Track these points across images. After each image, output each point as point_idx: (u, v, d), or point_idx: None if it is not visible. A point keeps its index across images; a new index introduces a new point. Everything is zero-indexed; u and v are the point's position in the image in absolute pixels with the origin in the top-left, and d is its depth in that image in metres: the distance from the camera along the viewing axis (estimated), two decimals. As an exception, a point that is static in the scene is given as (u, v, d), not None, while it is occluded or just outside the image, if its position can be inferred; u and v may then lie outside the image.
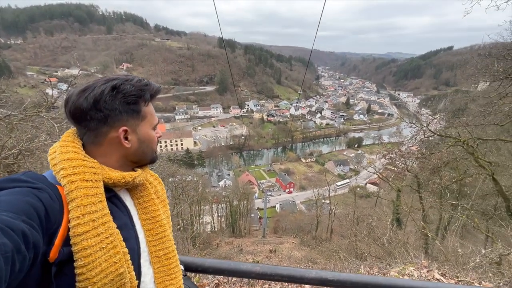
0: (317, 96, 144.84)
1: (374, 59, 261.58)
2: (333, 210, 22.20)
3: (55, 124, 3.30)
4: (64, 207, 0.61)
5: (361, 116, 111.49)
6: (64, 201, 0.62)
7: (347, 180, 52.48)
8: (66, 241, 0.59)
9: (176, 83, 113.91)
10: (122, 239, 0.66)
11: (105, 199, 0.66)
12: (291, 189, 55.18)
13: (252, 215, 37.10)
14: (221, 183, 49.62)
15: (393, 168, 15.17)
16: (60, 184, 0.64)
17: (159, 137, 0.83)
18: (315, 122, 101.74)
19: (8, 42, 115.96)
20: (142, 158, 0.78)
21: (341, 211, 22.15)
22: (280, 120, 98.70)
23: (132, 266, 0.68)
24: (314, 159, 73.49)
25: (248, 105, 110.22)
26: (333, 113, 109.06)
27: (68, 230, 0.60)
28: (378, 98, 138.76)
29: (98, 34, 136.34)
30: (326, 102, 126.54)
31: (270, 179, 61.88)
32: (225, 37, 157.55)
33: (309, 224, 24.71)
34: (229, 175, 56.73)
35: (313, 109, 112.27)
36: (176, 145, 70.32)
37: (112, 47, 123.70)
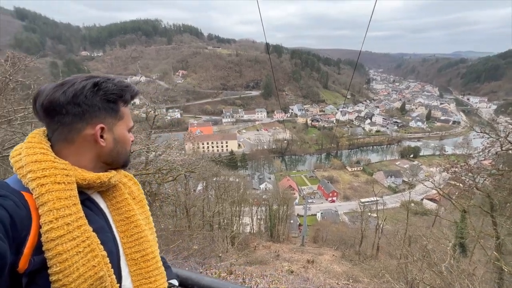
0: (367, 100, 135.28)
1: (437, 60, 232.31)
2: (381, 226, 20.23)
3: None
4: (32, 214, 0.58)
5: (419, 123, 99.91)
6: (32, 208, 0.59)
7: (374, 198, 46.81)
8: (37, 250, 0.56)
9: (224, 88, 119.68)
10: (99, 242, 0.64)
11: (79, 202, 0.63)
12: (334, 198, 52.38)
13: (292, 221, 36.29)
14: (262, 186, 49.80)
15: (457, 184, 13.10)
16: (25, 190, 0.61)
17: (132, 141, 0.82)
18: (363, 129, 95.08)
19: (92, 55, 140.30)
20: (116, 160, 0.76)
21: (390, 227, 20.05)
22: (325, 125, 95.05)
23: (112, 270, 0.66)
24: (361, 168, 68.52)
25: (292, 110, 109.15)
26: (385, 119, 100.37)
27: (39, 237, 0.57)
28: (441, 104, 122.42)
29: (160, 45, 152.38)
30: (377, 107, 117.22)
31: (312, 185, 59.91)
32: (272, 43, 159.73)
33: (353, 237, 23.02)
34: (270, 178, 56.75)
35: (362, 114, 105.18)
36: (222, 146, 73.59)
37: (171, 56, 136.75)
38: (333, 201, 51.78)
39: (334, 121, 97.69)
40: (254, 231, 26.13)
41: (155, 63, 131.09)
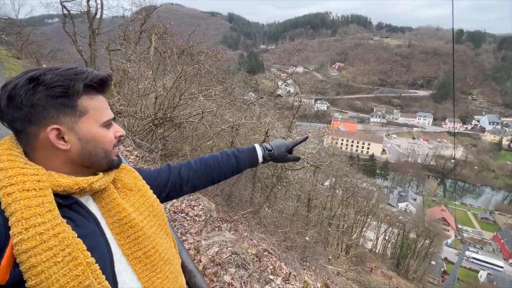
0: None
1: None
2: None
3: (257, 109, 4.42)
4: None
5: None
6: None
7: None
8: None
9: (382, 83, 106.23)
10: (85, 248, 0.59)
11: (55, 208, 0.58)
12: (523, 264, 35.01)
13: (433, 262, 28.49)
14: (402, 205, 42.44)
15: None
16: None
17: (121, 136, 0.73)
18: None
19: (267, 48, 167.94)
20: (93, 161, 0.68)
21: None
22: (539, 153, 62.46)
23: (104, 276, 0.60)
24: None
25: (478, 121, 79.64)
26: None
27: None
28: None
29: (324, 37, 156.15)
30: None
31: (481, 230, 43.01)
32: (469, 28, 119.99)
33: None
34: (415, 200, 46.91)
35: None
36: (363, 147, 67.45)
37: (331, 48, 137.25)
38: (519, 267, 34.86)
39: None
40: (376, 251, 22.78)
41: (315, 55, 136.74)
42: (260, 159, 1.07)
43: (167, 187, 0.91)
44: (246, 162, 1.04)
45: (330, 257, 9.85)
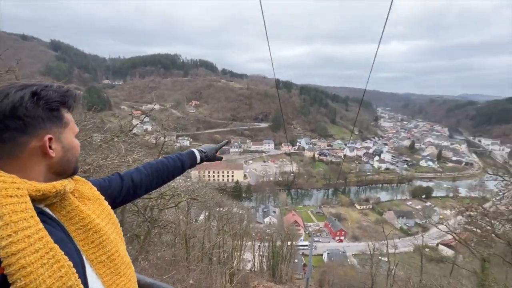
0: (376, 137, 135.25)
1: (444, 101, 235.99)
2: (393, 271, 18.71)
3: (122, 146, 3.91)
4: None
5: (430, 162, 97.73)
6: None
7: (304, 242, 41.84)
8: None
9: (234, 119, 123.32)
10: (63, 252, 0.61)
11: (36, 214, 0.61)
12: (342, 238, 49.63)
13: (296, 260, 34.15)
14: (266, 219, 48.22)
15: (475, 229, 12.27)
16: None
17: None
18: (372, 165, 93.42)
19: (114, 83, 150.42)
20: (66, 168, 0.74)
21: (403, 273, 18.52)
22: (333, 160, 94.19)
23: (80, 280, 0.63)
24: (371, 206, 65.82)
25: (300, 143, 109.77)
26: (394, 157, 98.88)
27: None
28: (452, 144, 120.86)
29: (177, 77, 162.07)
30: (386, 144, 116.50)
31: (318, 222, 57.41)
32: (282, 79, 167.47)
33: (362, 283, 21.26)
34: (275, 212, 54.97)
35: (371, 151, 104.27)
36: (228, 176, 73.13)
37: (185, 87, 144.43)
38: (341, 241, 49.00)
39: (342, 156, 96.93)
40: (256, 269, 24.49)
41: (170, 93, 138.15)
42: (198, 159, 1.30)
43: (122, 193, 0.96)
44: (188, 163, 1.23)
45: (217, 293, 9.55)
